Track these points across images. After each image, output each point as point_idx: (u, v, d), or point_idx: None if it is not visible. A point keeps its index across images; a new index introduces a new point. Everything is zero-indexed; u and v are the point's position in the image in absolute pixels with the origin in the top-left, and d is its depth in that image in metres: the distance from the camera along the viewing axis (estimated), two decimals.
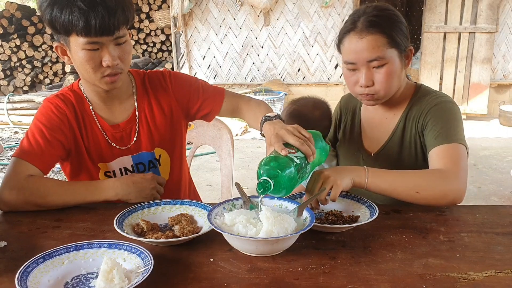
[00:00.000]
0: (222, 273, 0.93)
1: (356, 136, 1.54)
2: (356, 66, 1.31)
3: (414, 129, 1.38)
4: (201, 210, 1.19)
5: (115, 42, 1.25)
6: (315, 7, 6.58)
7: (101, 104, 1.42)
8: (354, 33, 1.29)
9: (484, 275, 0.91)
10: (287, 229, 0.98)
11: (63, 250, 0.96)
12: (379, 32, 1.27)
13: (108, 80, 1.28)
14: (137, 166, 1.47)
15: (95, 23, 1.17)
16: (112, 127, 1.43)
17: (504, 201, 3.73)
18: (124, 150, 1.44)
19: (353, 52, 1.30)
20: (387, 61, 1.28)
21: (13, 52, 8.23)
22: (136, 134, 1.45)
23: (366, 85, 1.31)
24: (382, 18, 1.29)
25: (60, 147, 1.36)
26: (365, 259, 0.98)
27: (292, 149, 1.09)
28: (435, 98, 1.37)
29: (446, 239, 1.07)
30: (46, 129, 1.33)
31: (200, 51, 6.86)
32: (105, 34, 1.20)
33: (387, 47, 1.27)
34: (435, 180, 1.19)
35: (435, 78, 6.48)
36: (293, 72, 6.84)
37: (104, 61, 1.24)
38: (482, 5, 6.22)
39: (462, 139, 1.28)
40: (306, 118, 1.52)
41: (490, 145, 5.24)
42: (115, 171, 1.46)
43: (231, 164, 1.92)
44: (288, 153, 1.06)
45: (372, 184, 1.18)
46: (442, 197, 1.18)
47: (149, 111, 1.46)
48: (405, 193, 1.19)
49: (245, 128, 6.13)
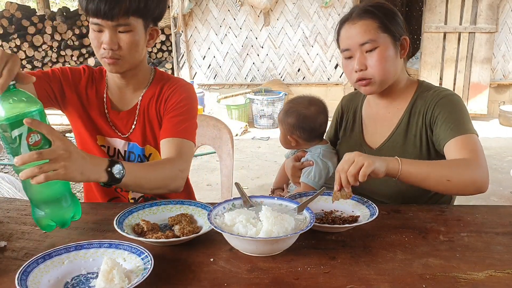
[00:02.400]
0: (222, 273, 0.93)
1: (357, 132, 1.55)
2: (351, 53, 1.36)
3: (421, 123, 1.39)
4: (201, 210, 1.19)
5: (116, 29, 1.30)
6: (315, 7, 6.58)
7: (115, 89, 1.48)
8: (348, 22, 1.36)
9: (484, 275, 0.91)
10: (287, 229, 0.98)
11: (63, 250, 0.96)
12: (370, 18, 1.33)
13: (106, 61, 1.34)
14: (129, 153, 1.51)
15: (99, 6, 1.25)
16: (114, 112, 1.48)
17: (504, 201, 3.73)
18: (120, 135, 1.49)
19: (347, 38, 1.36)
20: (378, 44, 1.32)
21: (13, 52, 8.23)
22: (133, 126, 1.48)
23: (360, 69, 1.34)
24: (375, 7, 1.35)
25: (45, 87, 1.41)
26: (365, 259, 0.98)
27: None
28: (440, 92, 1.40)
29: (446, 239, 1.07)
30: (51, 71, 1.45)
31: (200, 51, 6.86)
32: (106, 18, 1.27)
33: (379, 32, 1.32)
34: (464, 168, 1.21)
35: (435, 78, 6.48)
36: (293, 72, 6.84)
37: (102, 43, 1.32)
38: (482, 5, 6.22)
39: (472, 128, 1.33)
40: (302, 114, 1.53)
41: (490, 145, 5.24)
42: (110, 147, 1.50)
43: (231, 164, 1.93)
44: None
45: (406, 173, 1.18)
46: (471, 184, 1.20)
47: (152, 109, 1.48)
48: (437, 181, 1.20)
49: (245, 128, 6.13)
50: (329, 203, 1.25)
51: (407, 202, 1.35)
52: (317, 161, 1.52)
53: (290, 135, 1.57)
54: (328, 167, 1.52)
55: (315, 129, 1.55)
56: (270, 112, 6.33)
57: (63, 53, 8.28)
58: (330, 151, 1.57)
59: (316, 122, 1.54)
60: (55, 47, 8.22)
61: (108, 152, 1.51)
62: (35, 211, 1.09)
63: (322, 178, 1.51)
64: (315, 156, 1.53)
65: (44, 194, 1.07)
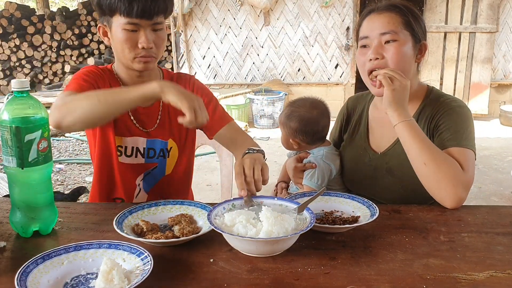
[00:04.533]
0: (222, 273, 0.93)
1: (362, 135, 1.53)
2: (369, 41, 1.35)
3: (426, 129, 1.38)
4: (201, 210, 1.19)
5: (152, 28, 1.34)
6: (315, 7, 6.58)
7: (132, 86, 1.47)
8: (374, 13, 1.37)
9: (484, 276, 0.91)
10: (287, 229, 0.98)
11: (63, 250, 0.96)
12: (397, 12, 1.34)
13: (142, 59, 1.35)
14: (148, 150, 1.52)
15: (137, 6, 1.28)
16: (138, 108, 1.47)
17: (504, 201, 3.73)
18: (142, 131, 1.50)
19: (369, 27, 1.36)
20: (399, 38, 1.32)
21: (13, 52, 8.24)
22: (157, 121, 1.51)
23: (375, 57, 1.32)
24: (403, 5, 1.35)
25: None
26: (365, 259, 0.98)
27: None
28: (450, 101, 1.39)
29: (446, 239, 1.07)
30: (87, 76, 1.40)
31: (200, 51, 6.86)
32: (145, 18, 1.30)
33: (402, 27, 1.32)
34: (450, 171, 1.21)
35: (436, 78, 6.48)
36: (293, 72, 6.84)
37: (140, 42, 1.32)
38: (482, 5, 6.22)
39: (472, 145, 1.31)
40: (304, 118, 1.51)
41: (491, 145, 5.24)
42: (127, 147, 1.50)
43: (231, 164, 1.92)
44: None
45: (403, 126, 1.25)
46: (444, 187, 1.21)
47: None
48: (418, 158, 1.23)
49: (245, 129, 6.13)
50: (329, 203, 1.24)
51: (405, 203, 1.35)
52: (319, 164, 1.51)
53: (293, 138, 1.55)
54: (330, 169, 1.52)
55: (318, 132, 1.54)
56: (270, 112, 6.33)
57: (63, 53, 8.29)
58: (333, 152, 1.56)
59: (319, 125, 1.53)
60: (55, 47, 8.22)
61: (125, 152, 1.50)
62: (18, 215, 1.10)
63: (325, 180, 1.51)
64: (318, 158, 1.52)
65: (39, 199, 1.10)
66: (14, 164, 1.04)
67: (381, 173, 1.44)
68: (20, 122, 1.03)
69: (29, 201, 1.09)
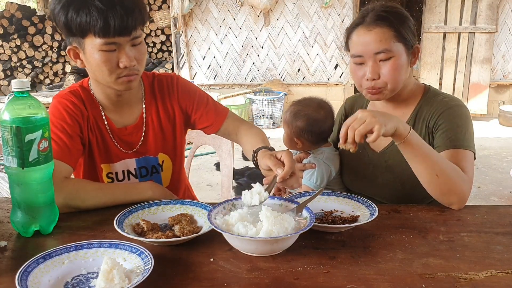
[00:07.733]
0: (222, 273, 0.93)
1: None
2: (363, 59, 1.33)
3: (425, 129, 1.39)
4: (201, 210, 1.19)
5: (131, 43, 1.23)
6: (315, 7, 6.58)
7: (110, 107, 1.40)
8: (362, 26, 1.32)
9: (483, 275, 0.91)
10: (287, 228, 0.98)
11: (64, 250, 0.96)
12: (387, 26, 1.29)
13: (125, 79, 1.26)
14: (140, 169, 1.47)
15: (114, 23, 1.16)
16: (119, 130, 1.42)
17: (503, 201, 3.73)
18: (129, 153, 1.44)
19: (361, 45, 1.32)
20: (393, 54, 1.30)
21: (14, 52, 8.23)
22: (142, 138, 1.44)
23: (373, 78, 1.32)
24: (391, 13, 1.31)
25: (80, 141, 1.35)
26: (365, 258, 0.98)
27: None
28: (448, 100, 1.39)
29: (445, 239, 1.07)
30: (66, 125, 1.31)
31: (200, 51, 6.86)
32: (123, 34, 1.19)
33: (394, 41, 1.29)
34: (461, 179, 1.23)
35: (435, 78, 6.48)
36: (293, 72, 6.84)
37: (121, 62, 1.22)
38: (481, 5, 6.23)
39: (472, 146, 1.31)
40: (312, 118, 1.51)
41: (490, 145, 5.24)
42: (118, 172, 1.45)
43: (231, 164, 1.93)
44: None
45: (413, 139, 1.19)
46: (454, 193, 1.22)
47: (156, 116, 1.45)
48: (430, 168, 1.21)
49: None
50: (329, 203, 1.25)
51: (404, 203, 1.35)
52: (320, 164, 1.51)
53: (297, 137, 1.54)
54: (330, 170, 1.52)
55: (324, 132, 1.54)
56: (270, 112, 6.33)
57: (63, 53, 8.28)
58: (333, 153, 1.56)
59: (325, 125, 1.53)
60: (55, 47, 8.22)
61: (117, 177, 1.45)
62: (19, 215, 1.10)
63: (324, 181, 1.51)
64: (318, 159, 1.53)
65: (39, 199, 1.10)
66: (14, 164, 1.05)
67: (381, 171, 1.44)
68: (21, 122, 1.03)
69: (29, 201, 1.09)
